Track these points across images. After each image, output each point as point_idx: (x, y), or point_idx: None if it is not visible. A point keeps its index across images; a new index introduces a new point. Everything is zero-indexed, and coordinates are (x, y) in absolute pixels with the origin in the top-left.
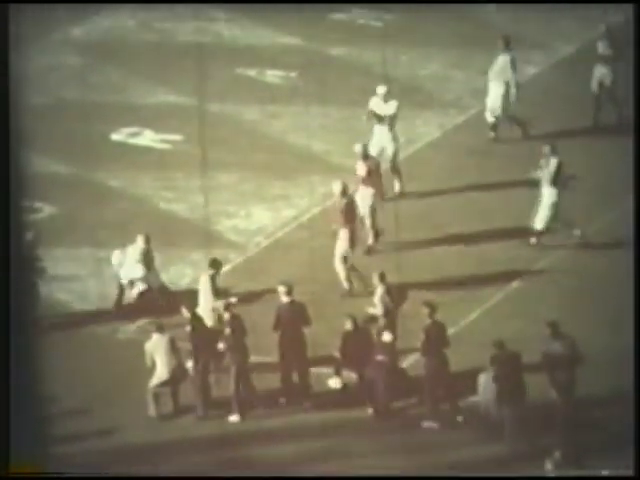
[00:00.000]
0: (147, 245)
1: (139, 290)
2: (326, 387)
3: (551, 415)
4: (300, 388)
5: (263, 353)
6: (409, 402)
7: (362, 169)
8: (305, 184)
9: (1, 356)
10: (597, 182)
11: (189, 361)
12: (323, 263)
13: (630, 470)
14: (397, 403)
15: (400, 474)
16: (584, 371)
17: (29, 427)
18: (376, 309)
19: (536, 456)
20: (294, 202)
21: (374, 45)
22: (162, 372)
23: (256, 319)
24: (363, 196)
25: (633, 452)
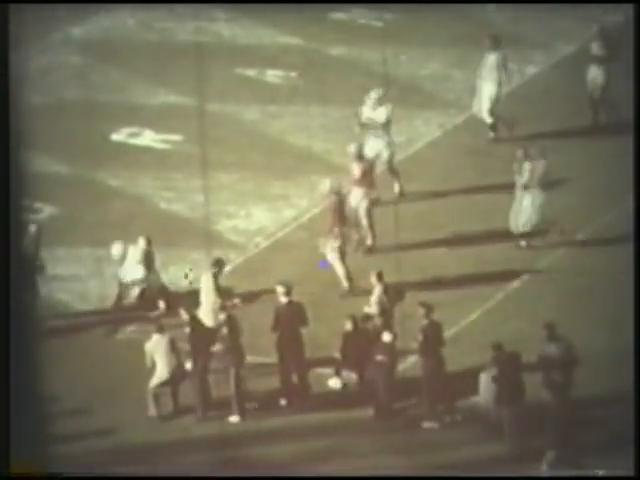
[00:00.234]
0: (148, 246)
1: (139, 290)
2: (326, 387)
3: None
4: (299, 389)
5: (263, 354)
6: (409, 402)
7: (356, 170)
8: (305, 184)
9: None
10: (597, 182)
11: (188, 362)
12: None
13: (630, 470)
14: (398, 403)
15: (400, 474)
16: (584, 371)
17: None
18: (372, 308)
19: (535, 456)
20: (294, 202)
21: (374, 45)
22: (162, 372)
23: (256, 319)
24: (357, 197)
25: (633, 452)
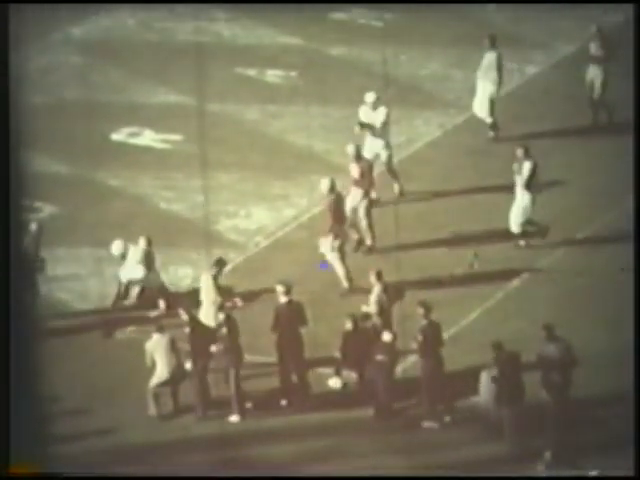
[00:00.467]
0: (148, 246)
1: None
2: (326, 387)
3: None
4: (299, 388)
5: (263, 353)
6: (410, 402)
7: (355, 170)
8: (305, 184)
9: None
10: (597, 182)
11: (188, 362)
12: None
13: (630, 470)
14: (398, 403)
15: (400, 474)
16: (584, 371)
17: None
18: (370, 307)
19: (535, 456)
20: (294, 202)
21: (374, 45)
22: (162, 372)
23: (256, 319)
24: (356, 197)
25: (633, 452)
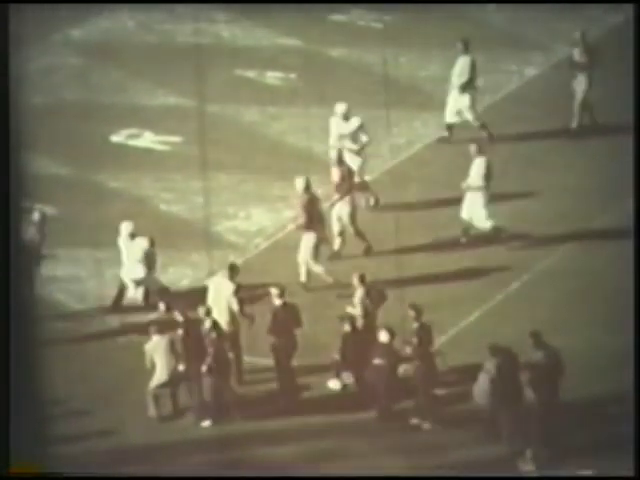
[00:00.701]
0: (151, 247)
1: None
2: (326, 389)
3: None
4: (295, 390)
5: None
6: (410, 404)
7: (336, 175)
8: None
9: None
10: (597, 182)
11: (181, 364)
12: (324, 264)
13: (630, 470)
14: (399, 405)
15: (400, 474)
16: (584, 371)
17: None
18: (355, 309)
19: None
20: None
21: (374, 46)
22: (162, 373)
23: (256, 321)
24: (340, 205)
25: (633, 452)
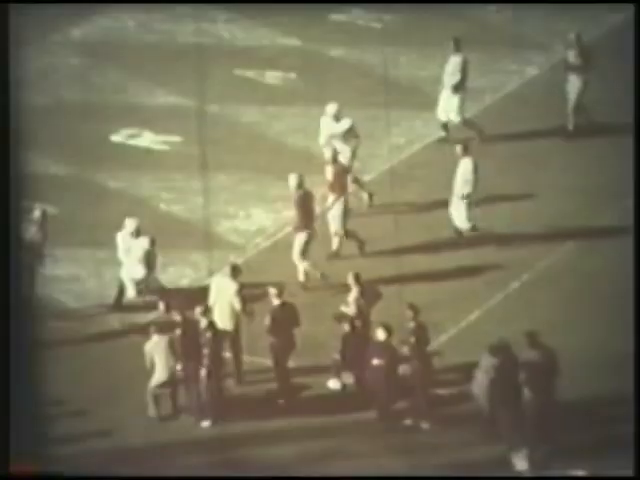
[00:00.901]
0: (151, 247)
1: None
2: (326, 389)
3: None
4: (293, 390)
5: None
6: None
7: (329, 174)
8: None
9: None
10: (597, 182)
11: (177, 364)
12: (323, 264)
13: (630, 470)
14: (399, 405)
15: (400, 474)
16: (584, 371)
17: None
18: (349, 308)
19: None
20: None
21: (373, 46)
22: (161, 373)
23: (256, 321)
24: (330, 202)
25: (633, 452)
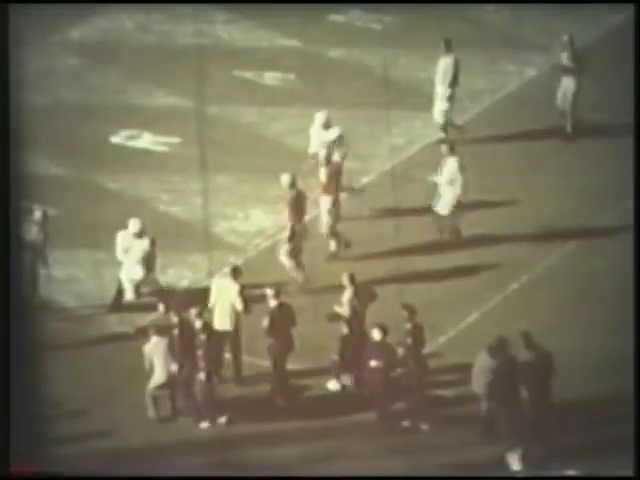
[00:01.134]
0: (152, 248)
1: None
2: (325, 390)
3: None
4: (292, 391)
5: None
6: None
7: (323, 175)
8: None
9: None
10: (597, 182)
11: (173, 365)
12: (322, 265)
13: (630, 470)
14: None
15: (400, 474)
16: (584, 372)
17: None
18: (343, 309)
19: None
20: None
21: (373, 47)
22: (160, 375)
23: (256, 321)
24: (322, 203)
25: (633, 452)
